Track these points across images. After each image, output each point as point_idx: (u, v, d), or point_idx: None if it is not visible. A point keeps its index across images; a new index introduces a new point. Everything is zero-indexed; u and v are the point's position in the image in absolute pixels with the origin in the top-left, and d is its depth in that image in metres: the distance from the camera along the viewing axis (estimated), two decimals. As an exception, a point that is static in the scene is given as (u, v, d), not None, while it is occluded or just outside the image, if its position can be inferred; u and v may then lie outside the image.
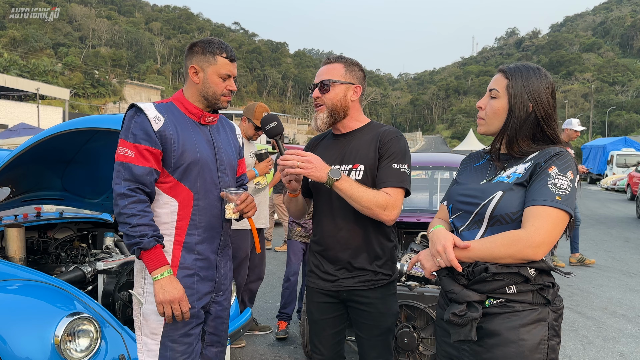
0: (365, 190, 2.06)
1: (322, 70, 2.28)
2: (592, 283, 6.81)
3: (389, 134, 2.21)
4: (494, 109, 1.77)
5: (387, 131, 2.23)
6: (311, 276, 2.35)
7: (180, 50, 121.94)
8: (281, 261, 7.81)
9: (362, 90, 2.30)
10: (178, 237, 2.12)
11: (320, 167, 2.02)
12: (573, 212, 1.60)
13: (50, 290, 2.85)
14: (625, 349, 4.44)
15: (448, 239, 1.65)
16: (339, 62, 2.26)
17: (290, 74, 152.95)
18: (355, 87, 2.26)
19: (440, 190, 4.93)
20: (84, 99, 76.78)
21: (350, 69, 2.26)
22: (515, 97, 1.71)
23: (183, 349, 2.10)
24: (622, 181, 24.57)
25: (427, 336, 3.31)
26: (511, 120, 1.73)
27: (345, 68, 2.25)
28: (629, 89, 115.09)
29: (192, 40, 2.25)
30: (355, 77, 2.26)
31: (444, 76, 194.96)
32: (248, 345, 4.41)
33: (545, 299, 1.61)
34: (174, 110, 2.16)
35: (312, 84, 2.28)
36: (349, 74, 2.25)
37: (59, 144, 3.33)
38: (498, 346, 1.60)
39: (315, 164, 2.01)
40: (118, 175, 2.03)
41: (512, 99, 1.72)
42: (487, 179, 1.79)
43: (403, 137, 2.25)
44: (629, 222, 13.54)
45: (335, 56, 2.30)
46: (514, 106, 1.72)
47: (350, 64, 2.27)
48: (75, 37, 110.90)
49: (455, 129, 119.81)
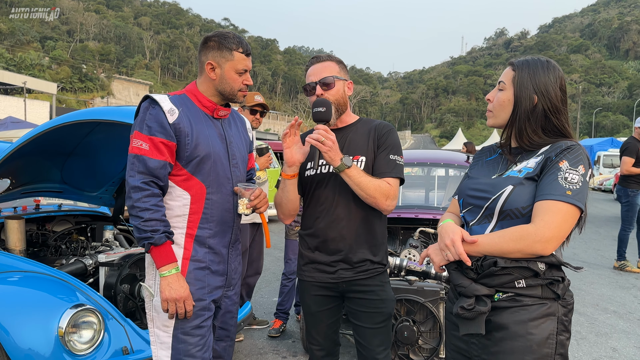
0: (371, 179, 2.13)
1: (316, 69, 2.29)
2: (582, 280, 6.90)
3: (384, 127, 2.31)
4: (499, 100, 1.77)
5: (381, 124, 2.34)
6: (306, 270, 2.35)
7: (169, 45, 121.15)
8: (276, 257, 7.82)
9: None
10: (190, 230, 2.12)
11: (337, 151, 2.07)
12: (584, 206, 1.59)
13: (52, 282, 2.84)
14: (618, 344, 4.51)
15: (456, 233, 1.63)
16: (331, 60, 2.32)
17: (280, 71, 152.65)
18: (348, 83, 2.35)
19: (437, 187, 4.96)
20: (71, 93, 76.06)
21: (341, 66, 2.33)
22: (520, 89, 1.72)
23: (195, 341, 2.09)
24: (608, 181, 24.88)
25: (427, 330, 3.34)
26: (517, 112, 1.73)
27: (338, 65, 2.32)
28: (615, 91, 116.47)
29: (206, 35, 2.23)
30: (346, 73, 2.36)
31: (433, 75, 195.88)
32: (246, 339, 4.42)
33: (555, 294, 1.60)
34: (187, 102, 2.15)
35: (309, 82, 2.28)
36: (342, 70, 2.33)
37: (60, 136, 3.32)
38: (506, 340, 1.59)
39: (335, 148, 2.06)
40: (132, 168, 2.01)
41: (517, 90, 1.72)
42: (498, 173, 1.78)
43: (395, 129, 2.36)
44: (616, 221, 13.70)
45: (324, 55, 2.34)
46: (519, 98, 1.72)
47: (340, 62, 2.35)
48: (63, 31, 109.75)
49: (444, 128, 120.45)
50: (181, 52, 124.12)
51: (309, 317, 2.39)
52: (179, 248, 2.11)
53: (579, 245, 9.58)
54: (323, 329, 2.36)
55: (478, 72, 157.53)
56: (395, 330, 3.29)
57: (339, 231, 2.24)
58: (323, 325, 2.36)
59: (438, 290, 3.30)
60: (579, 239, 10.22)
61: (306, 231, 2.36)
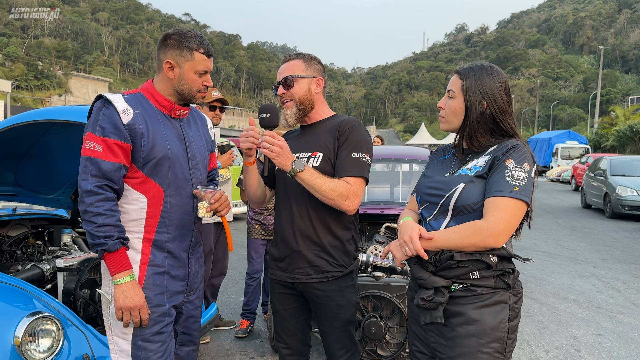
0: (327, 180, 2.08)
1: (283, 68, 2.31)
2: (543, 270, 7.09)
3: (348, 123, 2.25)
4: (451, 108, 1.89)
5: (346, 120, 2.28)
6: (272, 267, 2.37)
7: (128, 41, 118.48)
8: (242, 256, 7.74)
9: (324, 82, 2.36)
10: (147, 235, 2.05)
11: (287, 156, 2.04)
12: (530, 200, 1.72)
13: (7, 290, 2.72)
14: (578, 332, 4.65)
15: (414, 230, 1.74)
16: (298, 58, 2.31)
17: (243, 67, 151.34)
18: (317, 80, 2.31)
19: (402, 182, 4.99)
20: (27, 91, 73.50)
21: (310, 63, 2.31)
22: (470, 97, 1.84)
23: (156, 347, 2.03)
24: (566, 172, 25.67)
25: (394, 325, 3.36)
26: (469, 118, 1.85)
27: (305, 63, 2.30)
28: (572, 84, 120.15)
29: (167, 32, 2.14)
30: (315, 70, 2.32)
31: (396, 71, 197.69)
32: (213, 340, 4.36)
33: (506, 284, 1.73)
34: (143, 102, 2.07)
35: (275, 82, 2.32)
36: (309, 67, 2.30)
37: (13, 137, 3.18)
38: (462, 325, 1.72)
39: (284, 152, 2.04)
40: (85, 171, 1.93)
41: (467, 98, 1.85)
42: (451, 171, 1.91)
43: (363, 126, 2.29)
44: (575, 212, 14.17)
45: (294, 53, 2.34)
46: (469, 105, 1.84)
47: (309, 59, 2.32)
48: (17, 27, 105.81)
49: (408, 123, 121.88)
50: (141, 48, 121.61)
51: (275, 316, 2.39)
52: (137, 253, 2.04)
53: (540, 236, 9.84)
54: (289, 328, 2.35)
55: (440, 68, 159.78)
56: (362, 327, 3.29)
57: (293, 229, 2.23)
58: (289, 324, 2.35)
59: (404, 286, 3.31)
60: (539, 230, 10.50)
61: (274, 228, 2.38)
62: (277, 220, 2.34)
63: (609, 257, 8.08)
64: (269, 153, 2.03)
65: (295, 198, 2.23)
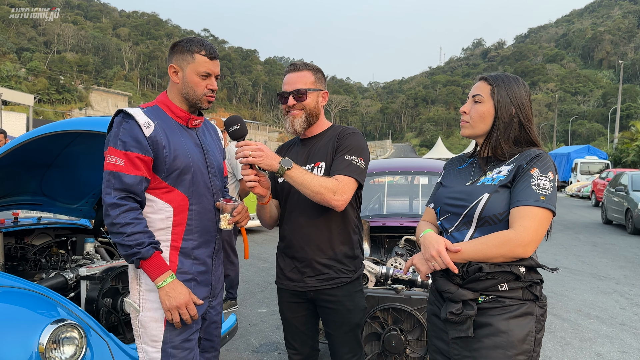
0: (315, 176, 2.11)
1: (291, 77, 2.31)
2: (565, 286, 6.97)
3: (345, 131, 2.31)
4: (479, 112, 1.88)
5: (345, 129, 2.34)
6: (279, 277, 2.40)
7: (148, 56, 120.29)
8: (259, 268, 7.75)
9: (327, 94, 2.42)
10: (174, 243, 2.08)
11: (271, 156, 2.06)
12: (555, 208, 1.71)
13: (32, 297, 2.76)
14: (602, 349, 4.55)
15: (440, 243, 1.72)
16: (307, 69, 2.33)
17: (260, 82, 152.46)
18: (323, 93, 2.36)
19: (421, 195, 4.98)
20: (48, 105, 74.87)
21: (318, 76, 2.34)
22: (499, 101, 1.84)
23: (184, 355, 2.05)
24: (586, 188, 25.30)
25: (414, 339, 3.32)
26: (497, 123, 1.85)
27: (314, 75, 2.33)
28: (590, 99, 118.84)
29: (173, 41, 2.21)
30: (322, 83, 2.36)
31: (413, 85, 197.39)
32: (231, 351, 4.35)
33: (534, 295, 1.71)
34: (160, 114, 2.10)
35: (284, 91, 2.31)
36: (318, 80, 2.34)
37: (39, 148, 3.24)
38: (489, 336, 1.69)
39: (267, 153, 2.05)
40: (108, 185, 1.96)
41: (497, 103, 1.85)
42: (471, 180, 1.89)
43: (360, 134, 2.34)
44: (595, 228, 13.94)
45: (301, 63, 2.35)
46: (498, 109, 1.84)
47: (317, 71, 2.35)
48: (40, 42, 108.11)
49: (424, 137, 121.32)
50: (160, 62, 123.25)
51: (284, 323, 2.44)
52: (165, 262, 2.06)
53: (560, 252, 9.69)
54: (299, 335, 2.40)
55: (456, 82, 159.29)
56: (382, 340, 3.27)
57: (301, 238, 2.27)
58: (298, 331, 2.40)
59: (425, 299, 3.28)
60: (559, 246, 10.34)
61: (280, 237, 2.41)
62: (285, 230, 2.36)
63: (632, 273, 7.91)
64: (253, 160, 2.02)
65: (302, 207, 2.26)
